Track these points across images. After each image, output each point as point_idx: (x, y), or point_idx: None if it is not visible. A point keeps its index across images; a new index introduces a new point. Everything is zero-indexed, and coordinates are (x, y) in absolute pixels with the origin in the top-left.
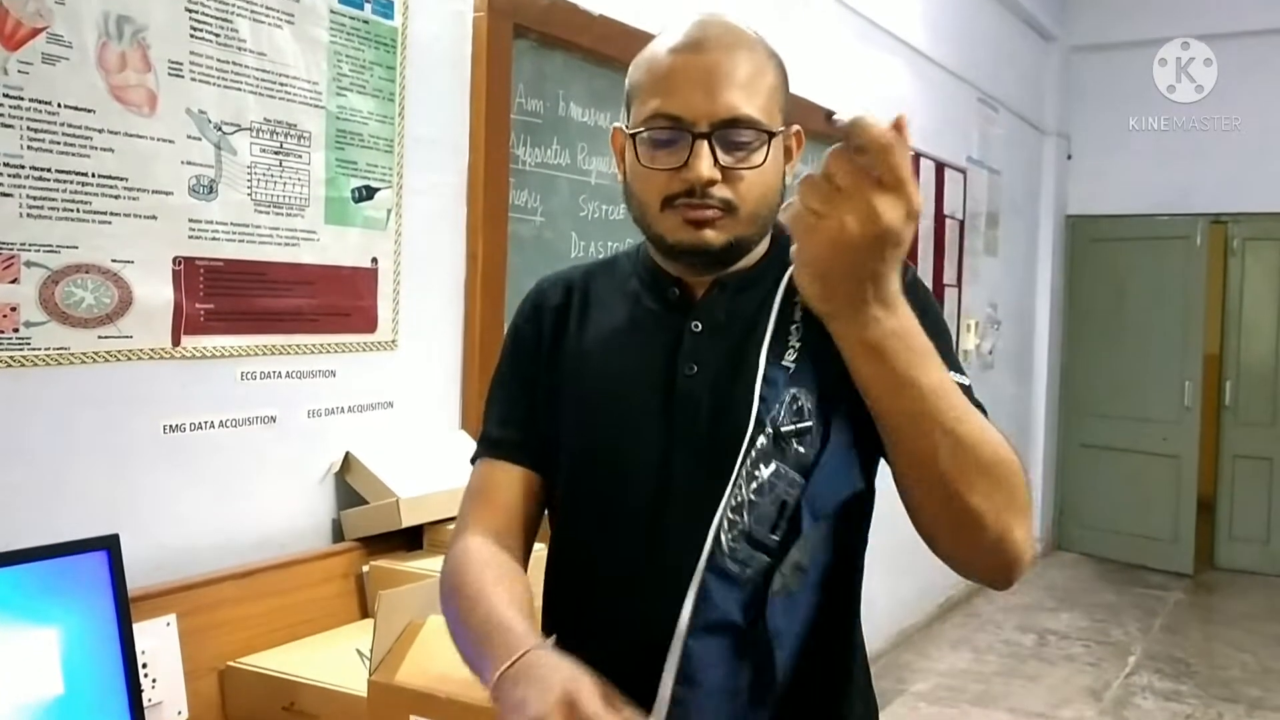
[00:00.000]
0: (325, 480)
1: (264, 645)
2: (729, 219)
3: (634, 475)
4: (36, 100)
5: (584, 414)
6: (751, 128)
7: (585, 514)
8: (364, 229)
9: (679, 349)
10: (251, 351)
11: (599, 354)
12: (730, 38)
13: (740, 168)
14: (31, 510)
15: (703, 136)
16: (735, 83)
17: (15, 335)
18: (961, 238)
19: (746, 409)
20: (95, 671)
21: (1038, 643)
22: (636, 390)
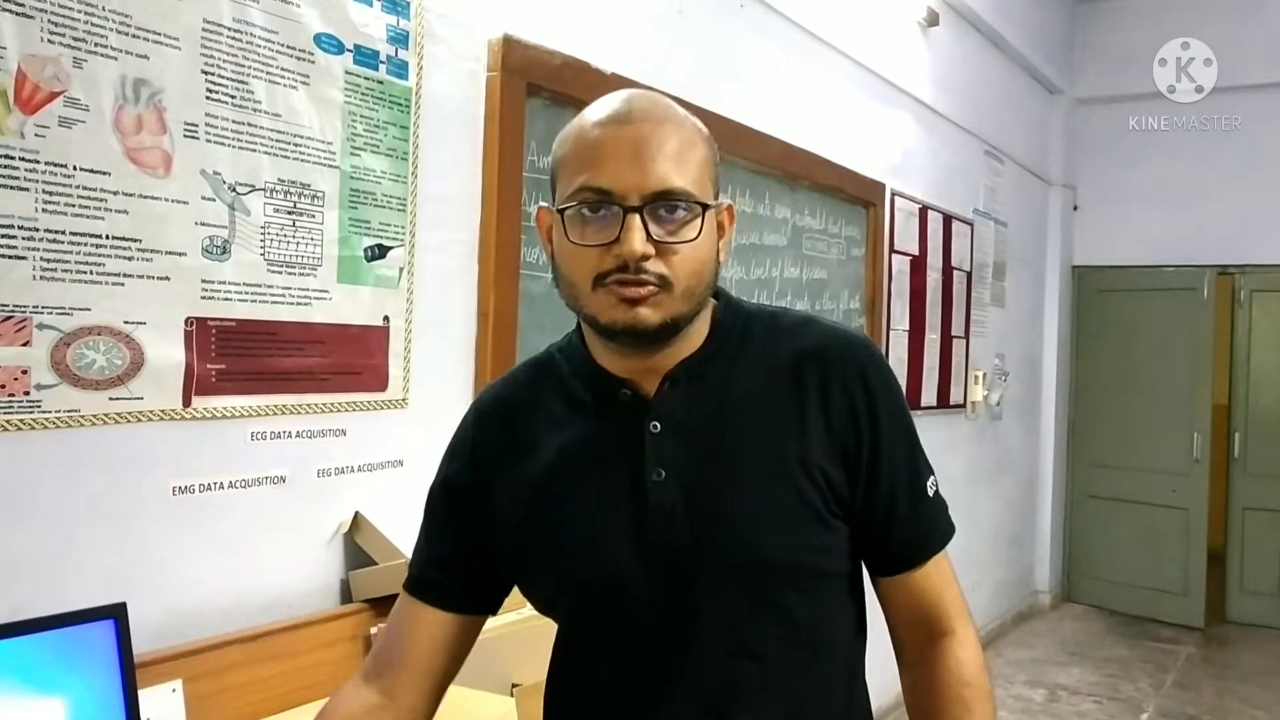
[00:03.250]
0: (334, 540)
1: (271, 710)
2: (663, 295)
3: (622, 591)
4: (52, 163)
5: (562, 543)
6: (684, 200)
7: (577, 628)
8: (376, 287)
9: (642, 454)
10: (262, 411)
11: (555, 475)
12: (658, 111)
13: (673, 241)
14: (40, 575)
15: (634, 210)
16: (665, 154)
17: (26, 398)
18: (969, 289)
19: (731, 513)
20: None
21: (1048, 698)
22: (607, 506)
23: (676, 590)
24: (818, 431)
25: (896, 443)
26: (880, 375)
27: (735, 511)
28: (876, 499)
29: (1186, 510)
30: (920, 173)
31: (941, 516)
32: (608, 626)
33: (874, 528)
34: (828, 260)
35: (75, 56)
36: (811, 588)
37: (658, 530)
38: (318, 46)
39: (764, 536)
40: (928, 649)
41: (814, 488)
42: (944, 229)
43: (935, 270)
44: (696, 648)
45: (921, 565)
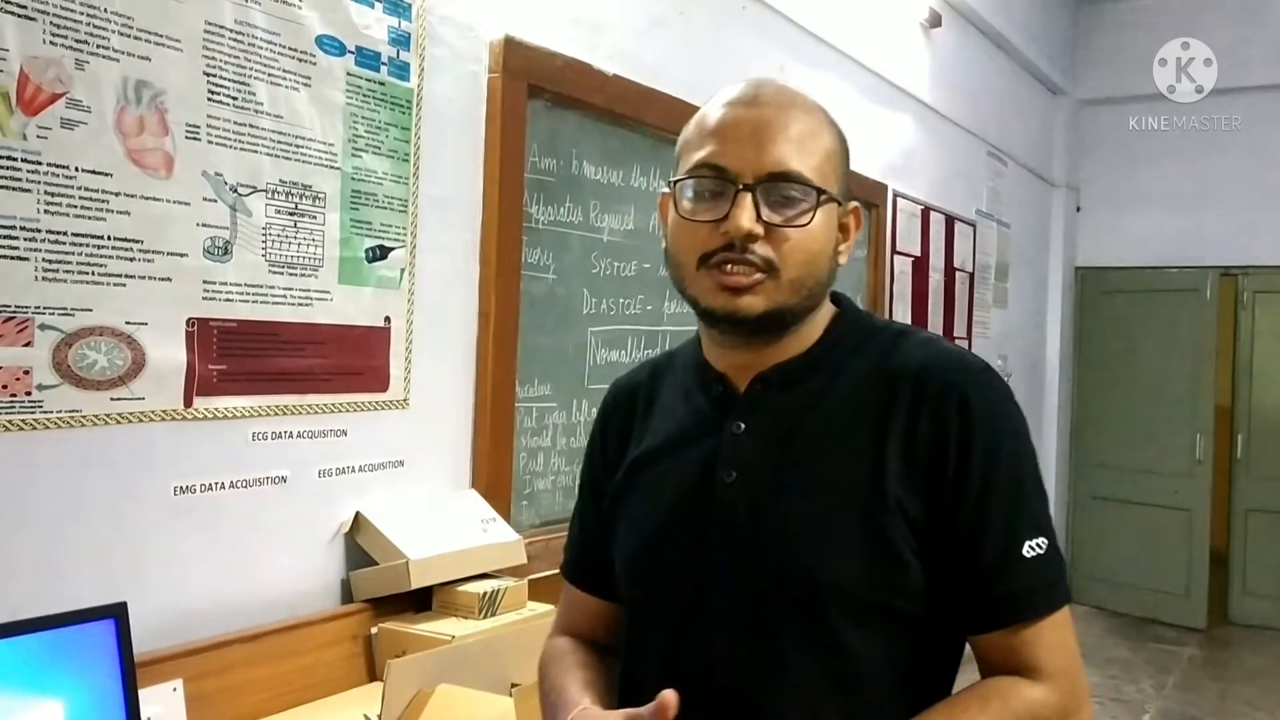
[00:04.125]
0: (335, 540)
1: (272, 710)
2: (769, 282)
3: (672, 592)
4: (54, 164)
5: (633, 525)
6: (802, 184)
7: (637, 621)
8: (377, 288)
9: (719, 452)
10: (263, 412)
11: (650, 463)
12: (786, 97)
13: (784, 225)
14: (41, 574)
15: (747, 189)
16: (786, 137)
17: (28, 399)
18: (971, 290)
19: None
20: None
21: None
22: (676, 499)
23: (723, 596)
24: (898, 458)
25: (991, 486)
26: (985, 407)
27: (798, 530)
28: (954, 542)
29: (1189, 511)
30: (922, 174)
31: (1040, 582)
32: (656, 619)
33: (951, 575)
34: None
35: (77, 58)
36: (874, 625)
37: (717, 532)
38: (319, 48)
39: (823, 562)
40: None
41: (890, 520)
42: (946, 230)
43: (938, 271)
44: (737, 663)
45: (1006, 630)
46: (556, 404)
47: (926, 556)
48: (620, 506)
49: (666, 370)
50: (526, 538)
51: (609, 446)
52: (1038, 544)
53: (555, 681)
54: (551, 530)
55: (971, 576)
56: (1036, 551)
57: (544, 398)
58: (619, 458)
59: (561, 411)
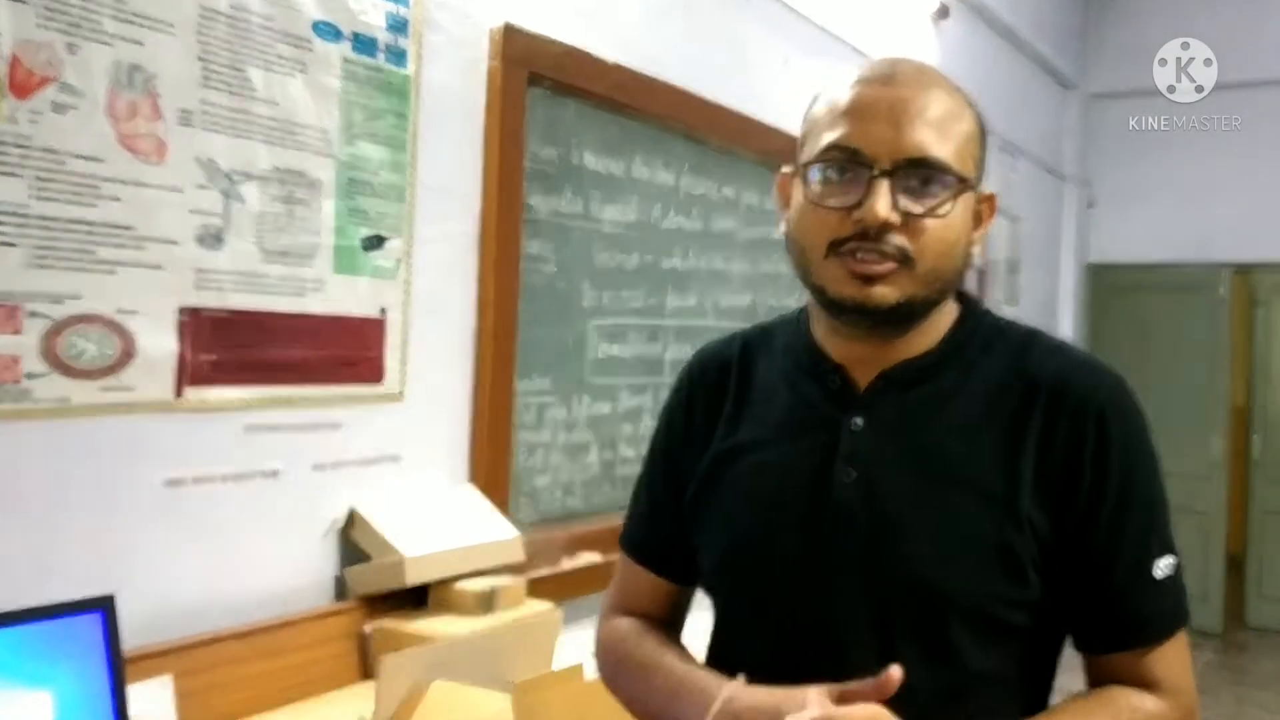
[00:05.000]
0: (328, 536)
1: (262, 708)
2: (903, 273)
3: (780, 592)
4: (45, 149)
5: (732, 514)
6: (942, 171)
7: (733, 615)
8: (373, 278)
9: (836, 450)
10: (256, 403)
11: (753, 447)
12: (927, 77)
13: (923, 215)
14: (28, 565)
15: (884, 174)
16: (926, 120)
17: (16, 387)
18: (982, 286)
19: (915, 539)
20: None
21: None
22: (785, 493)
23: (837, 602)
24: (1031, 471)
25: (1124, 505)
26: (1124, 424)
27: (920, 538)
28: (1085, 562)
29: (1204, 514)
30: None
31: (1169, 604)
32: (758, 621)
33: (1079, 594)
34: None
35: (69, 42)
36: (988, 637)
37: (833, 534)
38: (315, 34)
39: (944, 574)
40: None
41: (1018, 535)
42: None
43: None
44: (844, 666)
45: (1132, 650)
46: (556, 398)
47: (1049, 573)
48: (711, 491)
49: (761, 349)
50: (526, 535)
51: (694, 423)
52: (1166, 564)
53: (665, 666)
54: (551, 527)
55: (1101, 596)
56: (1166, 573)
57: (543, 391)
58: (705, 435)
59: (561, 406)
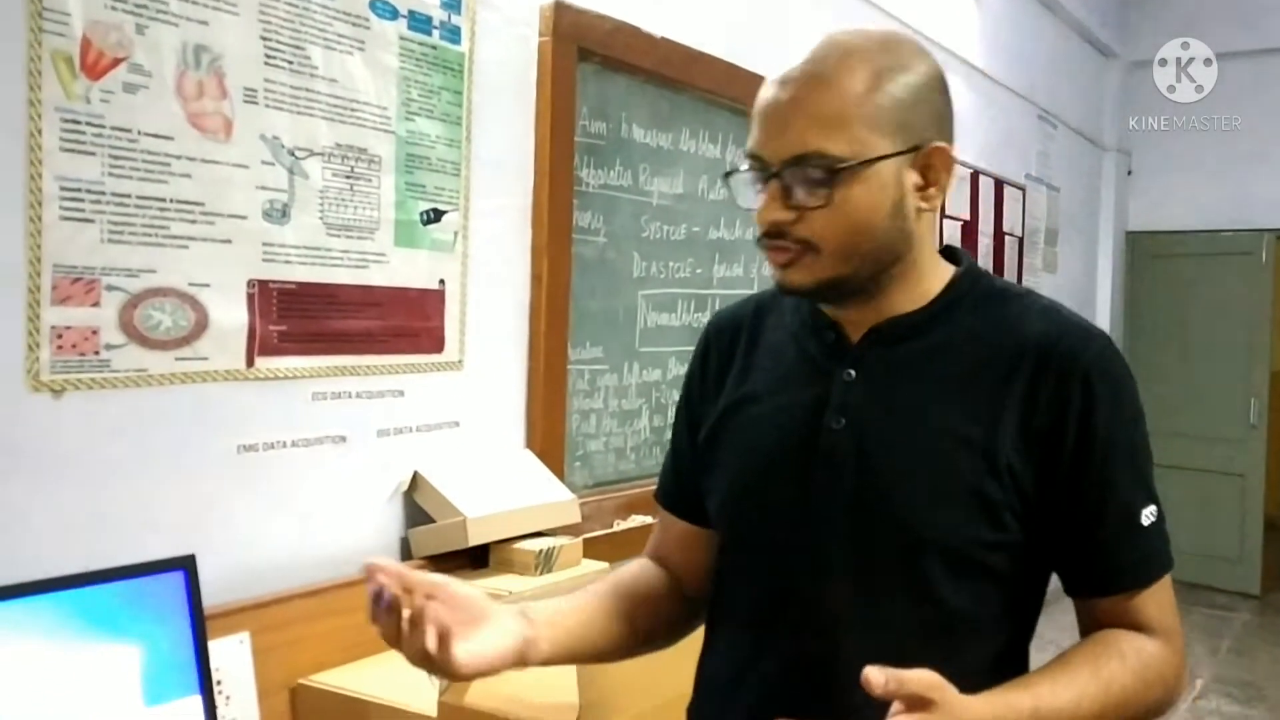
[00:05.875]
0: (394, 499)
1: (333, 663)
2: (811, 259)
3: (771, 531)
4: (117, 128)
5: (733, 460)
6: (821, 162)
7: (731, 556)
8: (432, 251)
9: (829, 400)
10: (323, 372)
11: (756, 398)
12: (825, 65)
13: (815, 207)
14: (113, 527)
15: (774, 176)
16: (810, 115)
17: (96, 357)
18: (1021, 255)
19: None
20: (174, 688)
21: None
22: (780, 440)
23: (823, 543)
24: (1015, 425)
25: (1110, 461)
26: (1108, 384)
27: (901, 482)
28: (1074, 514)
29: (1243, 477)
30: (971, 137)
31: (1156, 549)
32: (752, 558)
33: (1069, 542)
34: None
35: (137, 23)
36: (969, 581)
37: (821, 478)
38: (372, 12)
39: (925, 517)
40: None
41: (996, 483)
42: (995, 194)
43: (987, 236)
44: (828, 604)
45: (1122, 594)
46: (608, 366)
47: (1029, 520)
48: (719, 440)
49: (772, 308)
50: (580, 498)
51: (708, 377)
52: (1152, 512)
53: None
54: (604, 491)
55: (1092, 544)
56: (1152, 519)
57: (596, 360)
58: (718, 389)
59: (613, 374)
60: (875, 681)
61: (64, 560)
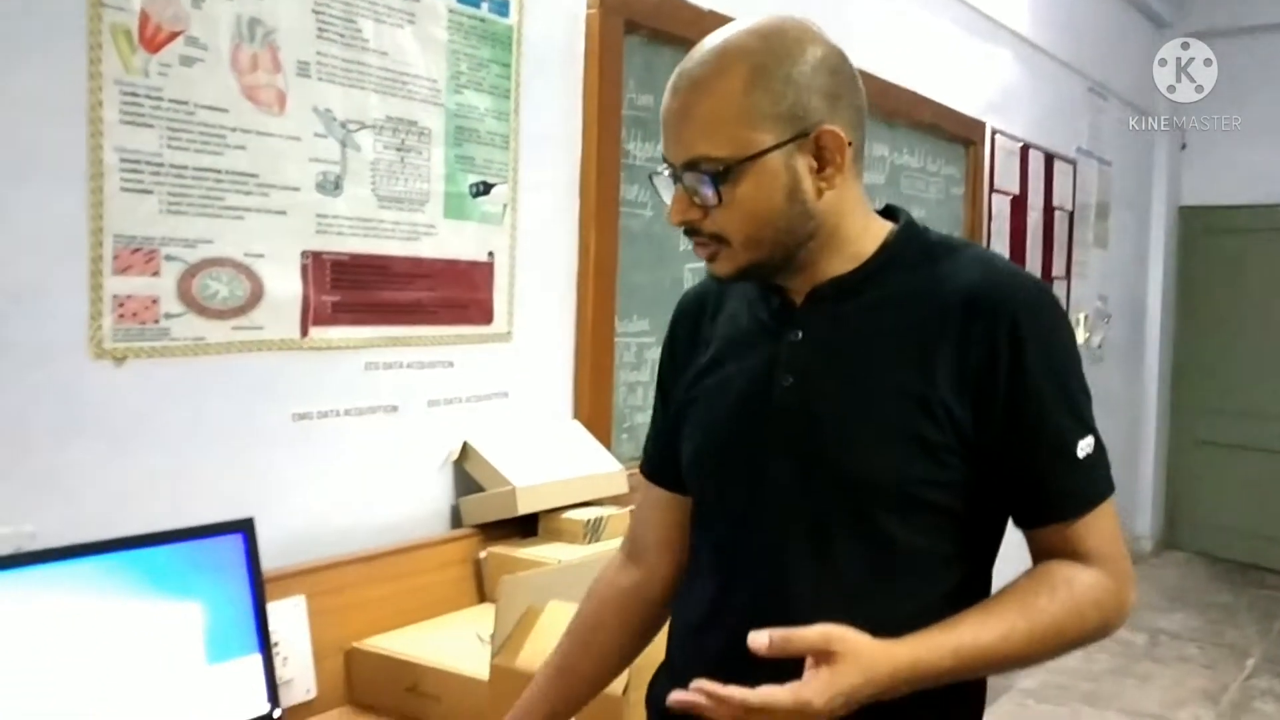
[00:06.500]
0: (444, 468)
1: (386, 627)
2: (726, 250)
3: (731, 484)
4: (175, 100)
5: (700, 422)
6: (708, 165)
7: (699, 513)
8: (481, 223)
9: (778, 359)
10: (375, 343)
11: (719, 364)
12: (701, 70)
13: (714, 205)
14: (171, 493)
15: (676, 179)
16: (693, 121)
17: (156, 326)
18: (1071, 230)
19: (838, 429)
20: (235, 646)
21: (1149, 642)
22: (738, 400)
23: (778, 493)
24: (949, 368)
25: (1042, 398)
26: (1037, 324)
27: (847, 431)
28: (1011, 449)
29: None
30: (1021, 110)
31: (1090, 478)
32: (716, 515)
33: (1009, 477)
34: (926, 199)
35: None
36: (916, 520)
37: (774, 432)
38: None
39: (869, 460)
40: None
41: (933, 424)
42: (1045, 168)
43: (1036, 210)
44: (785, 549)
45: (1061, 523)
46: (654, 339)
47: (970, 459)
48: (688, 409)
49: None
50: (627, 469)
51: (678, 352)
52: (1087, 443)
53: (550, 659)
54: None
55: (1029, 479)
56: (1087, 451)
57: (642, 333)
58: (687, 362)
59: (659, 347)
60: (759, 644)
61: (125, 522)
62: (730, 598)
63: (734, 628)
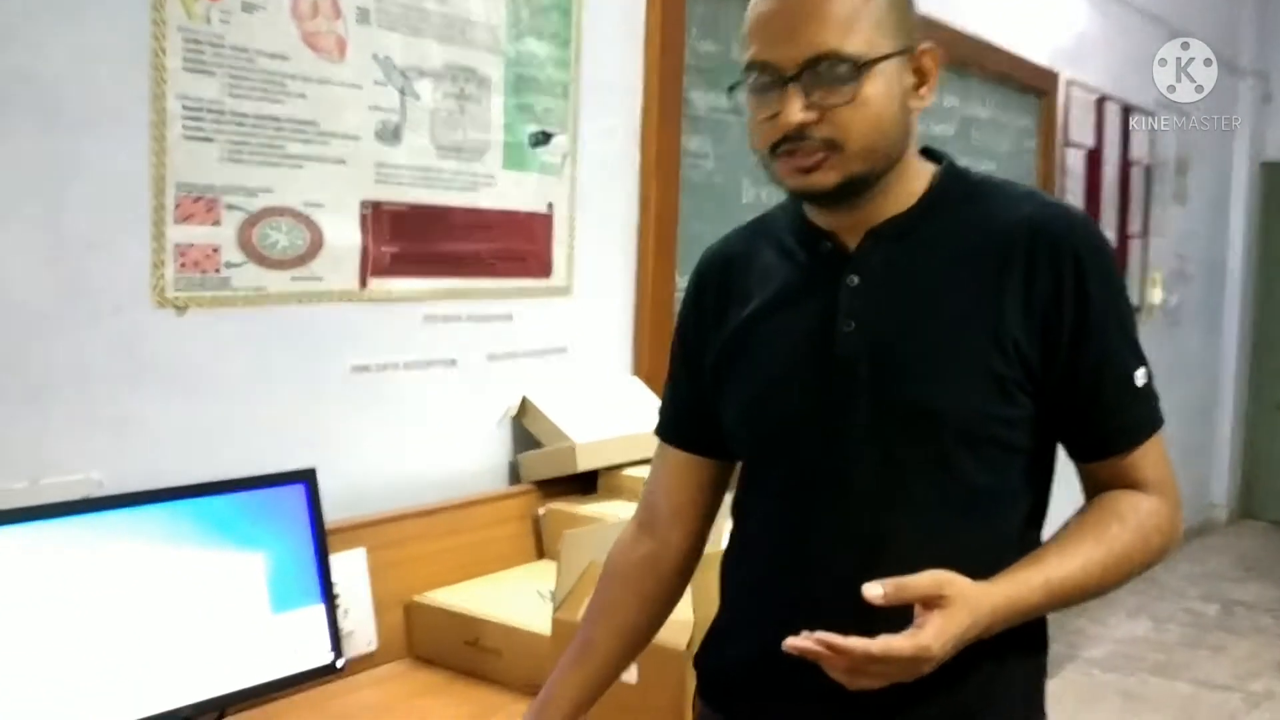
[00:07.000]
0: (503, 423)
1: (445, 582)
2: (836, 158)
3: (796, 435)
4: (236, 48)
5: (748, 377)
6: (842, 61)
7: (753, 471)
8: (540, 174)
9: (836, 305)
10: (433, 295)
11: (760, 320)
12: None
13: (835, 104)
14: (232, 441)
15: (792, 80)
16: (821, 17)
17: (217, 275)
18: (1148, 185)
19: (910, 368)
20: (298, 596)
21: (1223, 613)
22: (794, 350)
23: (846, 439)
24: (1017, 304)
25: (1105, 328)
26: (1096, 258)
27: (917, 371)
28: (1077, 381)
29: None
30: (1097, 60)
31: (1148, 408)
32: (779, 466)
33: (1072, 410)
34: (997, 152)
35: None
36: (988, 455)
37: (840, 379)
38: None
39: (941, 400)
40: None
41: (1003, 359)
42: (1122, 121)
43: (1112, 164)
44: (855, 495)
45: (1121, 454)
46: None
47: (1038, 394)
48: (729, 368)
49: (759, 236)
50: None
51: (705, 311)
52: (1144, 373)
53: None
54: None
55: (1094, 409)
56: (1144, 380)
57: None
58: (718, 321)
59: None
60: (874, 595)
61: (188, 470)
62: (803, 549)
63: (812, 576)
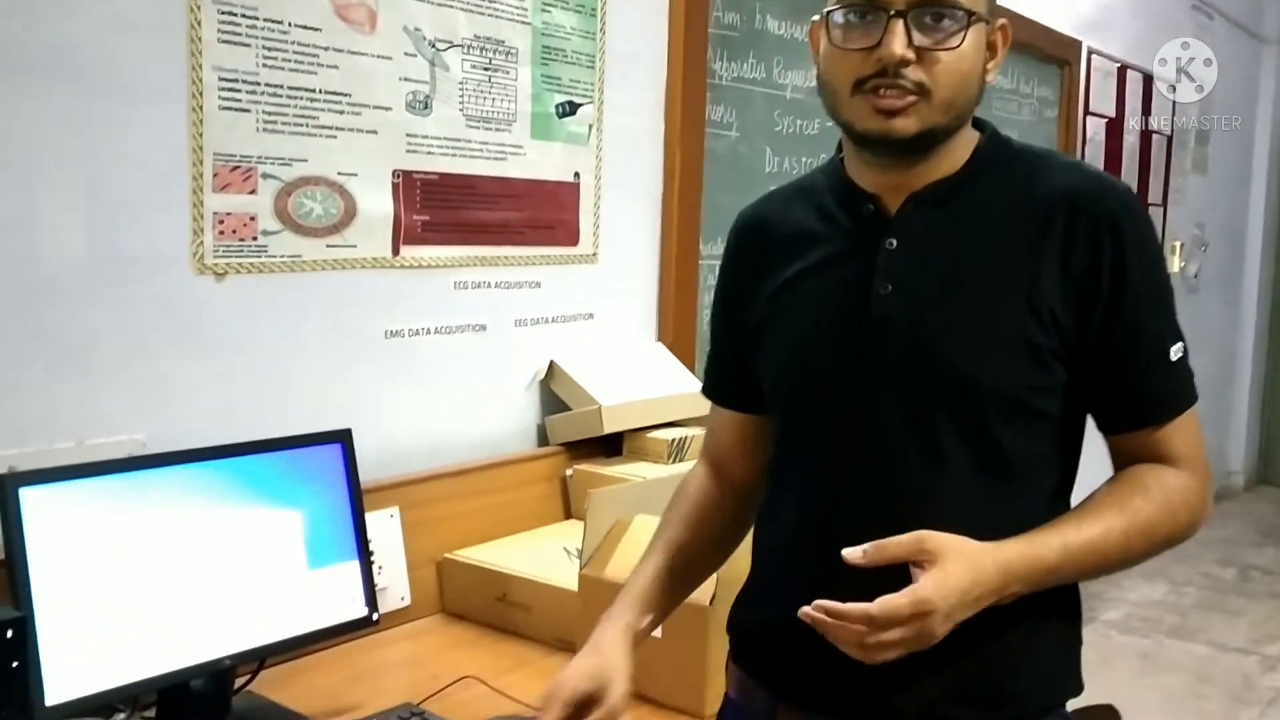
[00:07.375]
0: (531, 387)
1: (476, 540)
2: (921, 105)
3: (830, 397)
4: (269, 19)
5: (786, 337)
6: (952, 6)
7: (790, 431)
8: (567, 144)
9: (874, 268)
10: (463, 262)
11: (800, 281)
12: None
13: (937, 49)
14: (270, 405)
15: (898, 15)
16: None
17: (254, 243)
18: (1169, 154)
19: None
20: (334, 553)
21: (1239, 577)
22: (831, 312)
23: (883, 397)
24: (1054, 273)
25: (1141, 300)
26: (1135, 229)
27: (952, 335)
28: (1110, 352)
29: None
30: (1119, 29)
31: (1183, 381)
32: (812, 426)
33: (1106, 381)
34: (1019, 121)
35: None
36: (1019, 422)
37: (876, 342)
38: None
39: (976, 365)
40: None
41: (1039, 327)
42: (1144, 90)
43: (1133, 134)
44: (893, 457)
45: (1153, 427)
46: None
47: (1072, 362)
48: (768, 328)
49: (795, 199)
50: None
51: (743, 273)
52: (1179, 348)
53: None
54: None
55: (1127, 381)
56: (1179, 355)
57: None
58: (756, 282)
59: None
60: (855, 557)
61: (228, 430)
62: (835, 512)
63: (843, 540)
